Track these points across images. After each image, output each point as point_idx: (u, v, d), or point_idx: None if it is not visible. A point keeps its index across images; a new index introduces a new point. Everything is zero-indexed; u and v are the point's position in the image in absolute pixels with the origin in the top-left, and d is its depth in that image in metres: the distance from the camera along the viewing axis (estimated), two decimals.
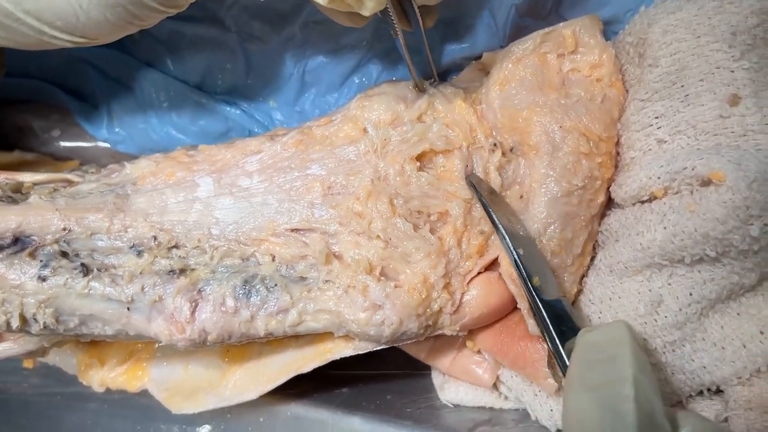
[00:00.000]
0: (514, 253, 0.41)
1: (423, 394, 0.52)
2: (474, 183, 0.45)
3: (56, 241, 0.45)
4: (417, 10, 0.45)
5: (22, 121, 0.64)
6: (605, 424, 0.31)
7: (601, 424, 0.31)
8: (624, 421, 0.30)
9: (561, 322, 0.40)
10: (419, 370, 0.54)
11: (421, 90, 0.49)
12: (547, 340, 0.40)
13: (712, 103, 0.41)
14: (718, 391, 0.42)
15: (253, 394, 0.49)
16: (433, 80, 0.50)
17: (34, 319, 0.44)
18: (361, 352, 0.46)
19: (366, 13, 0.40)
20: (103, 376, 0.56)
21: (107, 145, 0.62)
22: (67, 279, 0.44)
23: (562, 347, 0.39)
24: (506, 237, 0.42)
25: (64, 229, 0.45)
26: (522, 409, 0.48)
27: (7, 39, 0.42)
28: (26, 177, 0.51)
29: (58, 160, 0.65)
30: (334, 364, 0.50)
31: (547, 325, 0.40)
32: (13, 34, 0.41)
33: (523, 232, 0.43)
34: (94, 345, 0.58)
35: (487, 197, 0.44)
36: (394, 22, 0.44)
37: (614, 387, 0.32)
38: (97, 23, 0.40)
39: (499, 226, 0.43)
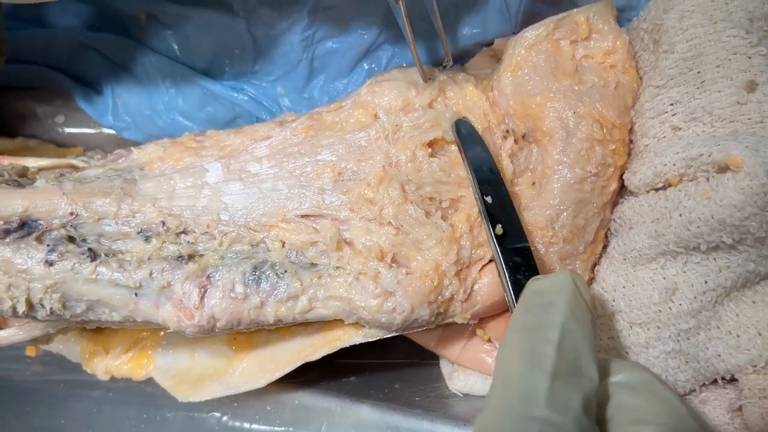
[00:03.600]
0: (481, 198, 0.42)
1: (431, 383, 0.52)
2: (457, 126, 0.45)
3: (63, 226, 0.44)
4: None
5: (25, 107, 0.64)
6: (524, 365, 0.32)
7: (521, 364, 0.32)
8: (540, 362, 0.31)
9: (519, 270, 0.40)
10: (427, 360, 0.53)
11: (425, 79, 0.48)
12: (504, 286, 0.40)
13: (729, 90, 0.41)
14: (732, 380, 0.42)
15: (260, 382, 0.48)
16: (446, 62, 0.49)
17: (41, 305, 0.43)
18: (370, 339, 0.45)
19: None
20: (108, 364, 0.56)
21: (112, 131, 0.61)
22: (74, 264, 0.43)
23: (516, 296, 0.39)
24: (475, 182, 0.43)
25: (72, 214, 0.44)
26: None
27: None
28: (31, 162, 0.50)
29: (61, 146, 0.64)
30: (341, 353, 0.49)
31: (503, 271, 0.40)
32: None
33: (497, 182, 0.43)
34: (99, 333, 0.57)
35: (468, 143, 0.44)
36: None
37: (541, 331, 0.33)
38: None
39: (470, 170, 0.43)
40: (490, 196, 0.42)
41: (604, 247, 0.46)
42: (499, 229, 0.41)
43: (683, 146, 0.41)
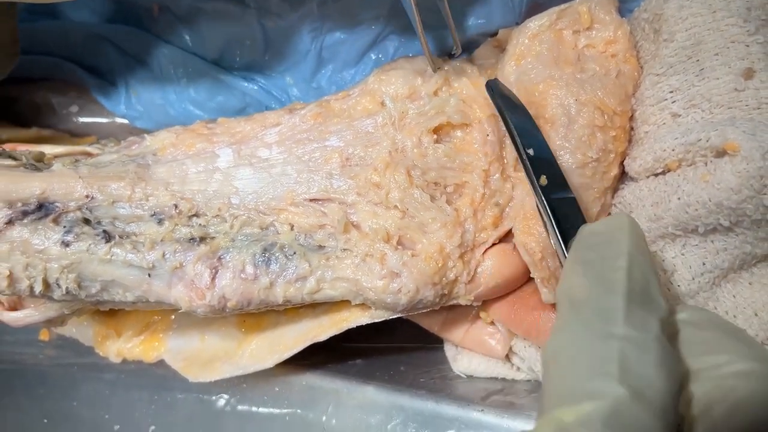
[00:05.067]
0: (524, 151, 0.42)
1: (436, 366, 0.53)
2: (489, 87, 0.45)
3: (79, 208, 0.45)
4: None
5: (41, 98, 0.65)
6: (595, 289, 0.31)
7: (591, 288, 0.31)
8: (612, 288, 0.30)
9: (567, 220, 0.39)
10: (432, 344, 0.54)
11: (434, 68, 0.49)
12: (551, 236, 0.40)
13: (727, 77, 0.42)
14: None
15: (269, 363, 0.49)
16: (455, 50, 0.49)
17: (57, 285, 0.45)
18: (377, 320, 0.46)
19: None
20: (120, 347, 0.57)
21: (125, 121, 0.63)
22: (89, 245, 0.44)
23: (565, 245, 0.39)
24: (516, 136, 0.42)
25: (87, 197, 0.46)
26: (534, 380, 0.49)
27: None
28: (47, 149, 0.52)
29: (75, 136, 0.66)
30: (347, 338, 0.50)
31: (551, 221, 0.39)
32: None
33: (535, 134, 0.43)
34: (111, 317, 0.59)
35: (503, 100, 0.44)
36: None
37: (608, 260, 0.32)
38: None
39: (510, 124, 0.43)
40: (532, 149, 0.42)
41: None
42: (543, 179, 0.40)
43: (682, 132, 0.42)
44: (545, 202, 0.40)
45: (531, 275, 0.45)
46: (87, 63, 0.64)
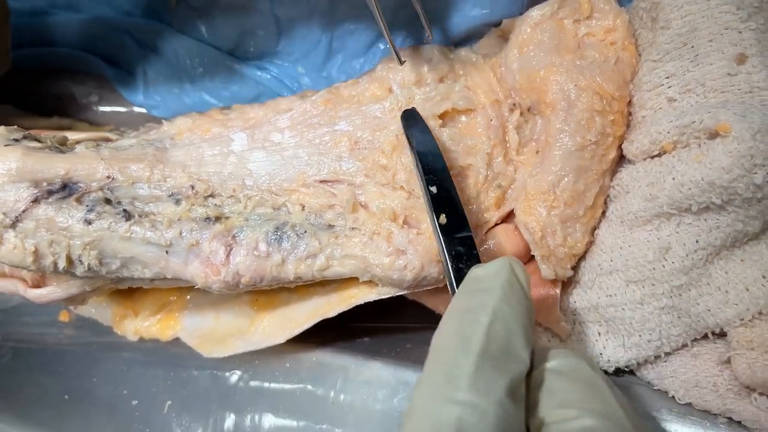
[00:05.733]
0: (425, 189, 0.43)
1: None
2: (405, 117, 0.47)
3: (101, 189, 0.47)
4: None
5: (61, 88, 0.68)
6: (454, 346, 0.33)
7: (452, 345, 0.33)
8: (469, 344, 0.32)
9: (462, 259, 0.41)
10: (436, 324, 0.56)
11: (400, 61, 0.50)
12: (446, 273, 0.41)
13: (721, 62, 0.43)
14: (722, 335, 0.44)
15: (280, 339, 0.51)
16: (426, 36, 0.50)
17: (80, 261, 0.47)
18: (384, 297, 0.48)
19: None
20: (137, 326, 0.59)
21: (143, 110, 0.65)
22: (110, 223, 0.46)
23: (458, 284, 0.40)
24: (421, 173, 0.43)
25: (108, 177, 0.48)
26: None
27: None
28: (69, 135, 0.54)
29: (94, 125, 0.68)
30: (356, 317, 0.52)
31: (446, 259, 0.41)
32: None
33: (442, 172, 0.44)
34: (129, 297, 0.61)
35: (416, 133, 0.45)
36: None
37: (473, 313, 0.34)
38: None
39: (416, 161, 0.44)
40: (435, 186, 0.43)
41: (603, 212, 0.48)
42: (443, 218, 0.42)
43: (677, 115, 0.43)
44: (442, 240, 0.41)
45: (531, 253, 0.47)
46: (106, 54, 0.66)
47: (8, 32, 0.62)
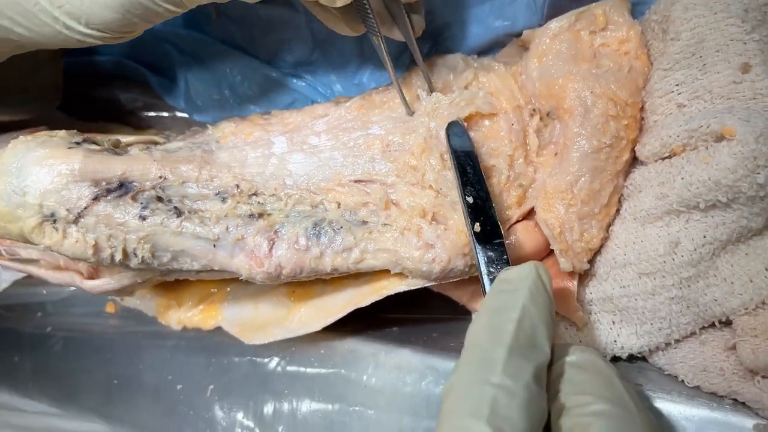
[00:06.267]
0: (464, 200, 0.47)
1: (464, 333, 0.57)
2: (449, 128, 0.50)
3: (153, 187, 0.51)
4: (404, 12, 0.49)
5: (108, 94, 0.72)
6: (488, 338, 0.37)
7: (485, 337, 0.37)
8: (501, 337, 0.36)
9: (493, 263, 0.45)
10: (460, 314, 0.60)
11: (410, 112, 0.53)
12: (480, 276, 0.45)
13: (727, 71, 0.47)
14: (728, 323, 0.47)
15: (316, 326, 0.55)
16: (430, 89, 0.54)
17: (134, 254, 0.50)
18: (413, 288, 0.52)
19: (340, 2, 0.43)
20: (181, 316, 0.64)
21: (184, 114, 0.70)
22: (163, 219, 0.50)
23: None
24: (460, 184, 0.48)
25: (161, 177, 0.51)
26: None
27: (29, 30, 0.45)
28: (120, 137, 0.59)
29: (137, 128, 0.73)
30: (385, 309, 0.56)
31: (479, 264, 0.45)
32: (31, 22, 0.45)
33: (479, 183, 0.48)
34: (172, 289, 0.65)
35: (457, 145, 0.49)
36: (370, 14, 0.47)
37: (505, 311, 0.38)
38: (100, 8, 0.43)
39: (457, 174, 0.48)
40: (471, 197, 0.47)
41: (618, 210, 0.52)
42: (477, 226, 0.46)
43: (686, 120, 0.47)
44: (476, 245, 0.46)
45: (551, 248, 0.51)
46: (150, 63, 0.70)
47: (61, 69, 0.66)
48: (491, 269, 0.45)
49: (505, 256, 0.46)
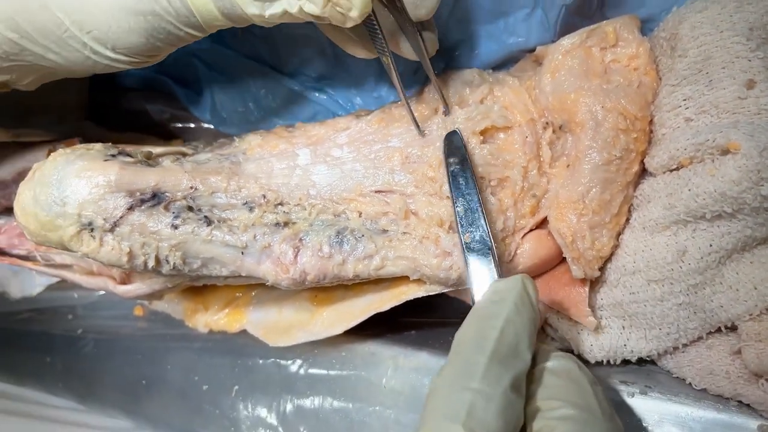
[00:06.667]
0: (456, 210, 0.50)
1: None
2: (446, 139, 0.53)
3: (184, 198, 0.54)
4: (419, 34, 0.51)
5: (136, 105, 0.75)
6: (472, 345, 0.40)
7: (470, 344, 0.40)
8: (484, 344, 0.39)
9: (481, 272, 0.48)
10: None
11: (421, 132, 0.55)
12: (469, 286, 0.48)
13: (732, 87, 0.48)
14: (733, 328, 0.49)
15: (338, 330, 0.58)
16: (445, 110, 0.56)
17: (167, 260, 0.53)
18: (431, 293, 0.54)
19: (350, 23, 0.43)
20: (207, 320, 0.66)
21: (210, 126, 0.72)
22: (194, 228, 0.52)
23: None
24: (453, 196, 0.50)
25: (191, 188, 0.54)
26: (565, 347, 0.57)
27: (59, 56, 0.47)
28: (150, 148, 0.61)
29: (163, 139, 0.76)
30: (404, 313, 0.59)
31: (468, 273, 0.48)
32: (62, 48, 0.47)
33: (471, 194, 0.50)
34: (199, 294, 0.68)
35: (452, 157, 0.52)
36: (380, 34, 0.48)
37: (490, 319, 0.41)
38: (126, 33, 0.45)
39: (450, 186, 0.50)
40: (462, 207, 0.50)
41: (627, 219, 0.54)
42: (467, 237, 0.49)
43: (693, 134, 0.49)
44: (466, 255, 0.49)
45: (563, 255, 0.53)
46: (177, 75, 0.73)
47: (86, 87, 0.69)
48: (479, 278, 0.48)
49: (492, 266, 0.48)
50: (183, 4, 0.44)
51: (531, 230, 0.54)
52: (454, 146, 0.52)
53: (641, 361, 0.54)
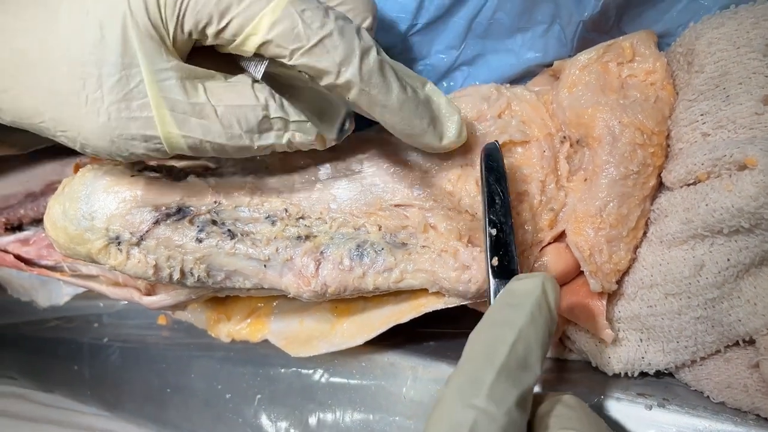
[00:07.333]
0: (487, 231, 0.49)
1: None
2: (485, 153, 0.51)
3: (209, 212, 0.55)
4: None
5: None
6: (481, 356, 0.39)
7: (479, 354, 0.39)
8: (493, 357, 0.38)
9: None
10: None
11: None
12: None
13: (749, 103, 0.49)
14: (751, 342, 0.50)
15: (358, 341, 0.59)
16: None
17: (191, 273, 0.54)
18: (450, 306, 0.55)
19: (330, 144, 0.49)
20: (229, 329, 0.68)
21: None
22: (218, 241, 0.54)
23: None
24: (486, 215, 0.49)
25: (215, 202, 0.55)
26: (583, 359, 0.58)
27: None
28: (175, 163, 0.63)
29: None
30: (423, 324, 0.59)
31: (490, 298, 0.48)
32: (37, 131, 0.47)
33: (505, 215, 0.49)
34: (222, 304, 0.69)
35: (491, 174, 0.50)
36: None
37: (502, 329, 0.39)
38: (95, 137, 0.45)
39: (485, 204, 0.49)
40: (495, 229, 0.49)
41: (645, 233, 0.54)
42: (495, 260, 0.48)
43: (710, 149, 0.49)
44: (491, 278, 0.48)
45: (581, 269, 0.54)
46: None
47: None
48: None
49: None
50: (154, 134, 0.45)
51: (549, 243, 0.55)
52: (494, 161, 0.51)
53: (659, 374, 0.54)
